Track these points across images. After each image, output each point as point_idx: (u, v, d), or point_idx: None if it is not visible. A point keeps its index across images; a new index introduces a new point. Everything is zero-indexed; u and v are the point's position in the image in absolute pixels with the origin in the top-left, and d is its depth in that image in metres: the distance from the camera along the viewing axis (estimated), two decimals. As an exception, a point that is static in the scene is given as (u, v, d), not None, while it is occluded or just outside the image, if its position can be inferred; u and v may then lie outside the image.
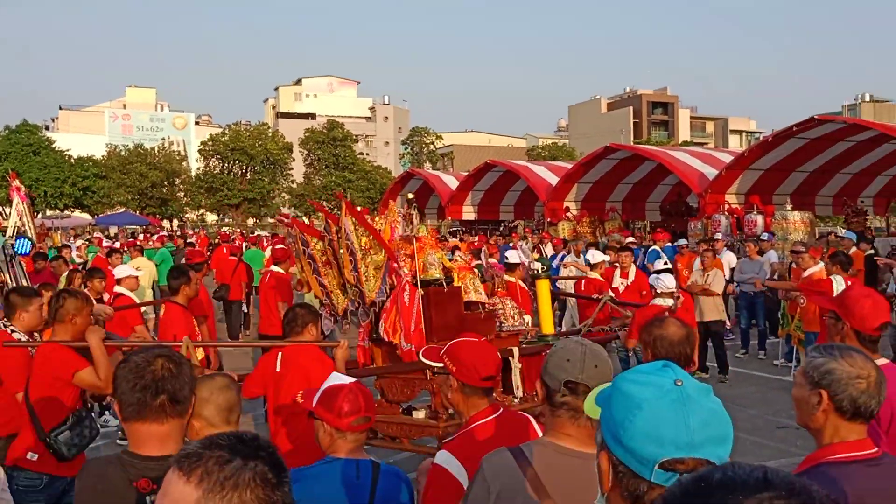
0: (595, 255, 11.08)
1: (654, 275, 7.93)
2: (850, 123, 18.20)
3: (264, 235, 25.54)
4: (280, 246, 11.82)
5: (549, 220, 23.33)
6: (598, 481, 1.47)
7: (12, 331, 4.79)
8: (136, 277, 8.72)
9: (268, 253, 14.45)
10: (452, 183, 30.99)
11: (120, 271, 8.66)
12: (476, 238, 21.05)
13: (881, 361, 3.15)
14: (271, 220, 56.72)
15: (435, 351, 3.08)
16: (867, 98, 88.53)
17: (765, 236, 14.76)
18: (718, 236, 15.28)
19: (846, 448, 2.25)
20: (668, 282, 7.44)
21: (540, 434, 2.70)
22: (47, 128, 68.62)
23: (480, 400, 2.81)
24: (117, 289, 8.29)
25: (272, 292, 9.44)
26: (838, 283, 6.61)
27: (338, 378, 2.93)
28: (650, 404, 1.38)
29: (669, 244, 16.78)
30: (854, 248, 12.76)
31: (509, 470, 2.16)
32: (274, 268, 9.87)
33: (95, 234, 30.96)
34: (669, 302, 7.04)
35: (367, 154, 67.50)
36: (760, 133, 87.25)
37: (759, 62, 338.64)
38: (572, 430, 2.21)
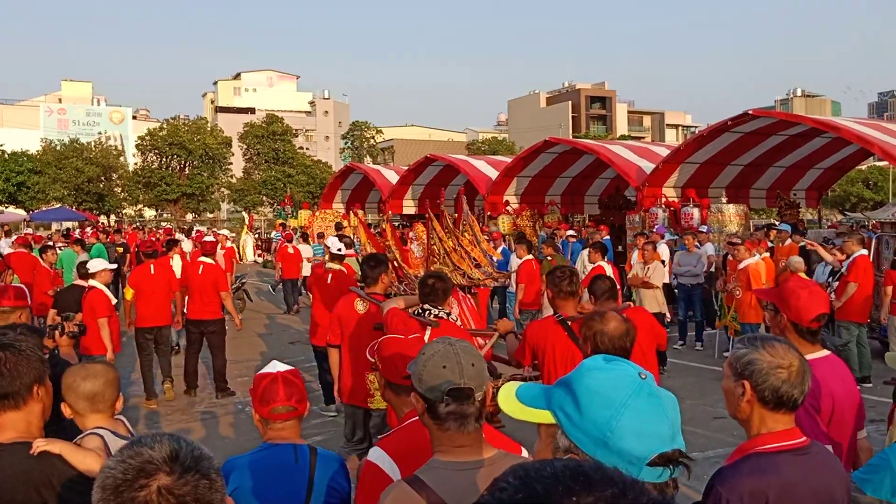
0: None
1: None
2: (782, 118, 18.59)
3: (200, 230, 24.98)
4: (209, 239, 13.22)
5: (489, 213, 23.31)
6: None
7: None
8: (111, 270, 8.82)
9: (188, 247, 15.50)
10: (393, 177, 30.75)
11: (94, 265, 8.71)
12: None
13: (821, 353, 3.18)
14: (210, 216, 55.72)
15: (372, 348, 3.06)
16: (798, 93, 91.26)
17: (703, 228, 14.96)
18: (657, 228, 15.45)
19: (774, 438, 2.26)
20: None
21: None
22: (-21, 122, 66.26)
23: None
24: (91, 282, 8.41)
25: (209, 280, 9.93)
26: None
27: (271, 366, 2.90)
28: (633, 402, 1.36)
29: (608, 237, 16.96)
30: (789, 240, 13.00)
31: (412, 502, 2.02)
32: (204, 258, 10.27)
33: (26, 231, 30.16)
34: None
35: (308, 149, 66.81)
36: (696, 127, 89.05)
37: (695, 58, 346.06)
38: (463, 439, 2.10)
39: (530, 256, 12.45)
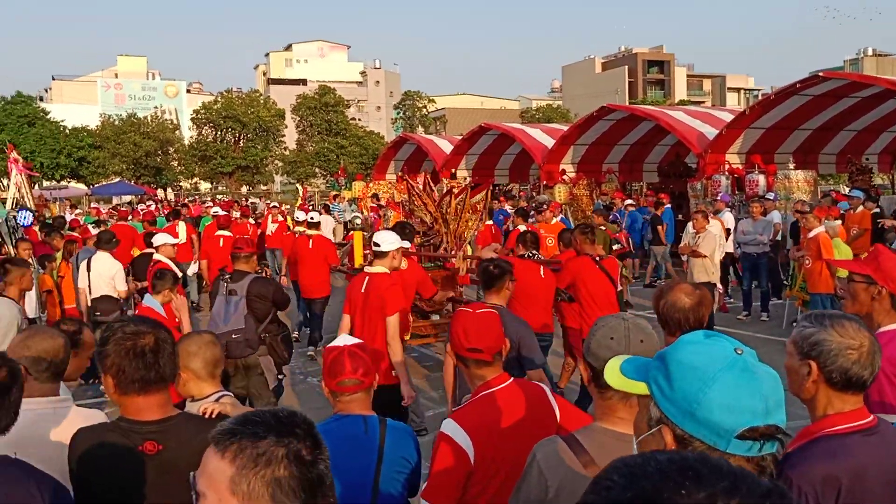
0: None
1: None
2: (854, 79, 17.71)
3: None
4: (222, 212, 14.64)
5: (544, 182, 22.95)
6: None
7: None
8: (174, 245, 8.83)
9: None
10: (446, 147, 30.50)
11: (158, 239, 8.79)
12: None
13: None
14: (264, 188, 56.38)
15: None
16: (870, 52, 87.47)
17: (769, 196, 14.43)
18: (721, 196, 14.97)
19: (843, 419, 2.20)
20: None
21: (555, 405, 2.77)
22: (41, 98, 67.93)
23: (481, 370, 2.79)
24: (156, 256, 8.44)
25: (224, 253, 10.72)
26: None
27: (339, 340, 2.99)
28: (723, 375, 1.37)
29: (668, 206, 16.51)
30: (861, 207, 12.43)
31: (566, 461, 2.06)
32: (222, 231, 11.89)
33: (92, 205, 31.04)
34: None
35: (359, 119, 66.70)
36: (759, 90, 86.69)
37: (756, 17, 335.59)
38: (624, 412, 2.10)
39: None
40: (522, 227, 12.60)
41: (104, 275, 8.73)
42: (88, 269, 8.80)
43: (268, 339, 6.43)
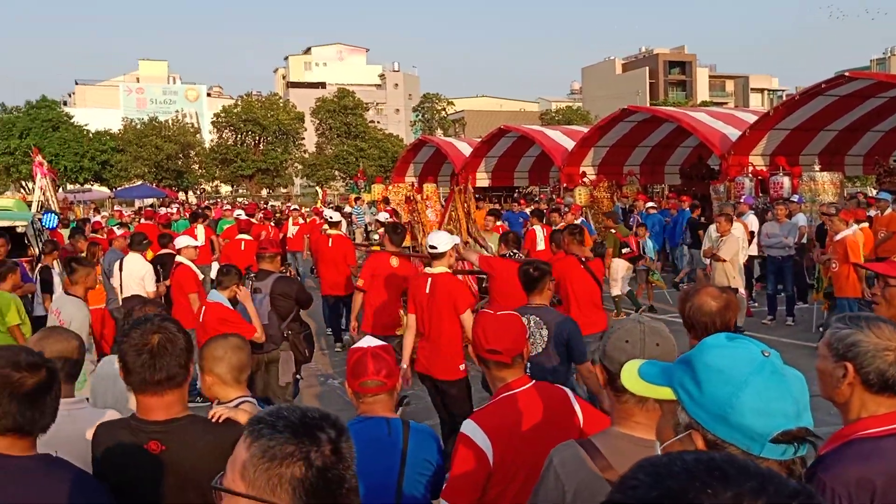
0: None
1: None
2: (881, 79, 17.44)
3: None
4: (244, 216, 14.98)
5: (565, 185, 22.81)
6: None
7: None
8: (195, 247, 9.23)
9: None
10: (466, 149, 30.41)
11: (180, 241, 9.24)
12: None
13: None
14: (284, 191, 56.64)
15: None
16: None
17: (794, 198, 14.23)
18: (744, 198, 14.78)
19: (877, 422, 2.15)
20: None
21: (578, 409, 2.77)
22: (65, 103, 68.76)
23: (501, 372, 2.80)
24: (178, 258, 8.87)
25: (244, 257, 10.86)
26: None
27: (363, 341, 2.97)
28: (754, 379, 1.36)
29: (687, 208, 16.33)
30: (889, 209, 12.17)
31: (583, 466, 2.05)
32: (243, 236, 11.99)
33: (115, 208, 31.43)
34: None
35: (378, 122, 66.91)
36: (783, 91, 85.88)
37: (779, 16, 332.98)
38: (641, 416, 2.09)
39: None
40: (538, 228, 12.64)
41: (134, 275, 9.03)
42: (121, 270, 9.15)
43: (290, 336, 6.76)
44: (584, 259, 7.23)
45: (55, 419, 2.23)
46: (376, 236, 11.96)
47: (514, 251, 7.66)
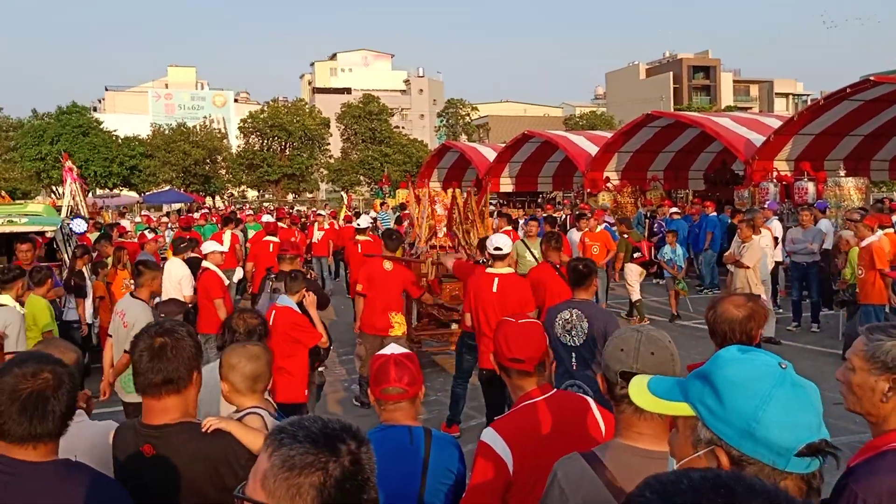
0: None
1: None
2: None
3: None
4: (272, 219, 15.83)
5: (588, 190, 22.81)
6: None
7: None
8: (221, 253, 9.20)
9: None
10: (490, 155, 30.48)
11: (206, 247, 9.22)
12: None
13: None
14: (310, 196, 56.99)
15: None
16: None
17: (819, 204, 14.16)
18: (769, 204, 14.73)
19: None
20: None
21: (600, 418, 2.72)
22: (95, 109, 69.70)
23: (522, 380, 2.80)
24: (204, 263, 8.83)
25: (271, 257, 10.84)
26: None
27: (388, 349, 2.97)
28: (777, 392, 1.34)
29: (714, 214, 16.30)
30: (914, 215, 12.10)
31: (588, 479, 2.03)
32: (270, 238, 12.38)
33: (143, 213, 31.81)
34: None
35: (403, 127, 67.09)
36: (808, 95, 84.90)
37: (804, 20, 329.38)
38: (642, 426, 2.08)
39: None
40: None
41: (172, 279, 8.99)
42: None
43: None
44: (557, 265, 7.51)
45: (68, 424, 2.20)
46: None
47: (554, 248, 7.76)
